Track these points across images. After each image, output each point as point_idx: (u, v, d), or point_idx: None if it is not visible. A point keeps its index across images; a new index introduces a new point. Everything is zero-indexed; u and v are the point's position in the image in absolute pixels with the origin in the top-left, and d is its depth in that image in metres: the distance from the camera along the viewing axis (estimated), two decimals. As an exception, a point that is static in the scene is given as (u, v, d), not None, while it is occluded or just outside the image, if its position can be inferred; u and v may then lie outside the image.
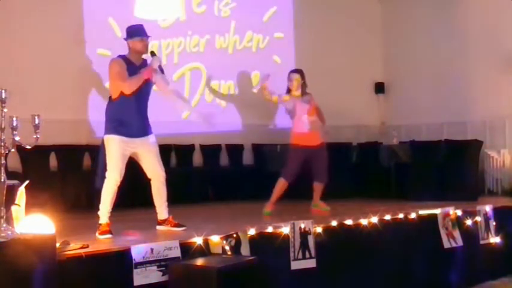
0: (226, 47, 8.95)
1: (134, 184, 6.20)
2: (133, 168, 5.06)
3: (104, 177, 4.82)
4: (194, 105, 8.45)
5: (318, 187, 6.74)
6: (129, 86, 4.85)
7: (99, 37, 7.65)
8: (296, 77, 6.67)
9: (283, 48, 9.54)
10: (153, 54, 5.08)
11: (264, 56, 9.29)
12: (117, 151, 4.80)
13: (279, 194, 6.55)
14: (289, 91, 6.70)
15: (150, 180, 5.08)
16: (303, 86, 6.71)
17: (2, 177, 3.47)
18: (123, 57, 5.02)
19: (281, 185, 6.56)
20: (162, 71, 5.12)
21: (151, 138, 5.06)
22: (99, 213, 4.78)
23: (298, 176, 6.62)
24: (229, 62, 8.89)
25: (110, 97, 5.00)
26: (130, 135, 4.88)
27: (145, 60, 5.11)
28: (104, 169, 4.84)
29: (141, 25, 5.16)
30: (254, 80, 9.04)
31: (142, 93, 4.97)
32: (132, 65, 4.97)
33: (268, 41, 9.40)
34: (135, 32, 5.04)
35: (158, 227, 5.13)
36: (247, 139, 9.09)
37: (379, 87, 10.86)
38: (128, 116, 4.88)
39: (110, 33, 7.69)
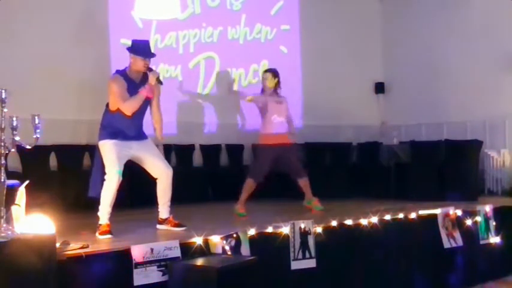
0: (237, 38, 9.38)
1: (134, 184, 6.23)
2: (132, 168, 5.06)
3: (97, 184, 4.82)
4: (208, 91, 8.90)
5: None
6: (129, 108, 4.84)
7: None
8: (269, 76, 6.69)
9: (290, 40, 9.95)
10: (150, 69, 4.98)
11: (271, 46, 9.73)
12: (113, 153, 4.80)
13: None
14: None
15: (156, 179, 5.07)
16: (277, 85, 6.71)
17: (2, 177, 3.48)
18: (122, 73, 4.96)
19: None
20: (160, 82, 5.04)
21: (148, 141, 5.07)
22: (99, 213, 4.79)
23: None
24: (240, 51, 9.35)
25: (108, 105, 4.98)
26: (126, 139, 4.90)
27: (146, 76, 5.00)
28: (98, 176, 4.84)
29: (147, 42, 5.09)
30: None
31: (140, 109, 4.96)
32: (132, 82, 4.92)
33: (276, 33, 9.78)
34: (139, 50, 4.95)
35: (158, 226, 5.13)
36: (247, 139, 9.08)
37: (379, 87, 10.86)
38: (124, 127, 4.90)
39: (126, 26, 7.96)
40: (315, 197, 6.71)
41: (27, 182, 3.81)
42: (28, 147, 3.63)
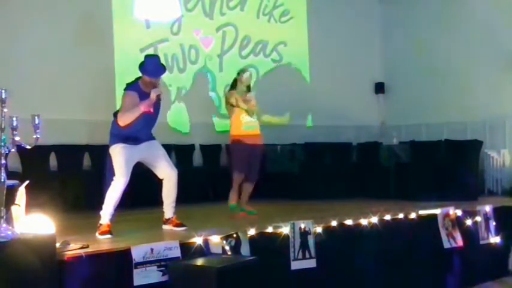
0: (239, 39, 9.48)
1: (134, 184, 6.21)
2: (133, 169, 5.06)
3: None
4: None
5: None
6: (122, 119, 4.85)
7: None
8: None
9: (295, 36, 10.12)
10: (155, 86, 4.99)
11: (277, 42, 9.89)
12: (123, 158, 4.85)
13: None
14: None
15: (161, 180, 5.11)
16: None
17: (2, 177, 3.47)
18: (137, 87, 4.96)
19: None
20: (159, 101, 5.01)
21: (155, 142, 5.12)
22: (101, 213, 4.80)
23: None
24: (247, 47, 9.58)
25: (116, 115, 4.97)
26: (136, 143, 4.95)
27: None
28: (111, 178, 4.87)
29: (156, 61, 5.07)
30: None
31: (151, 116, 5.00)
32: (145, 95, 4.93)
33: (281, 29, 9.95)
34: (149, 71, 4.96)
35: (164, 226, 5.17)
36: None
37: (379, 87, 10.87)
38: (135, 132, 4.92)
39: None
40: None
41: (27, 182, 3.81)
42: (28, 147, 3.63)
